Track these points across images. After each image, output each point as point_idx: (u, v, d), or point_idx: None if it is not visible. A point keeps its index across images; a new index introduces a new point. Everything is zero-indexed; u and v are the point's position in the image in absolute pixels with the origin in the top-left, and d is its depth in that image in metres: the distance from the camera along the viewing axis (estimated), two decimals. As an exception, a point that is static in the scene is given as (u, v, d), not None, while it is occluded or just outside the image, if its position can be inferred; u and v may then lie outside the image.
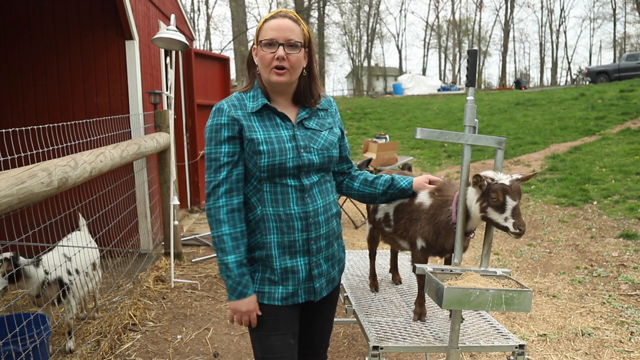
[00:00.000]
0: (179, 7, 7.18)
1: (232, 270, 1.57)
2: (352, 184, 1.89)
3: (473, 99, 1.82)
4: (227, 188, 1.58)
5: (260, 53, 1.59)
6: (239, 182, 1.61)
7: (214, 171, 1.59)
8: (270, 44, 1.56)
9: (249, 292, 1.60)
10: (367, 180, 1.90)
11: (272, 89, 1.65)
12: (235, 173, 1.59)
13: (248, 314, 1.62)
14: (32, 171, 2.13)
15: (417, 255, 2.05)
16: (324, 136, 1.67)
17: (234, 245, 1.57)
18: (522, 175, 1.75)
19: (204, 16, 39.10)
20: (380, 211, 2.27)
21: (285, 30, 1.56)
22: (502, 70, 43.02)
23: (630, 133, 10.35)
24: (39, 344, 2.54)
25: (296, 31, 1.59)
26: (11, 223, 2.48)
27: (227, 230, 1.57)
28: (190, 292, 4.20)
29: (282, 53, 1.55)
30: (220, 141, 1.58)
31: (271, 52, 1.56)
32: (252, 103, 1.62)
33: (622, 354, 3.04)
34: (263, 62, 1.59)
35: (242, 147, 1.60)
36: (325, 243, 1.67)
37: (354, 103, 21.05)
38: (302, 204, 1.61)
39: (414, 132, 1.80)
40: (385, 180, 1.91)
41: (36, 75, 4.88)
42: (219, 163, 1.58)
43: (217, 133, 1.59)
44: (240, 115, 1.59)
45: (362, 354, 3.13)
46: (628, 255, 4.80)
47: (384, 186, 1.90)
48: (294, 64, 1.58)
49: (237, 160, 1.60)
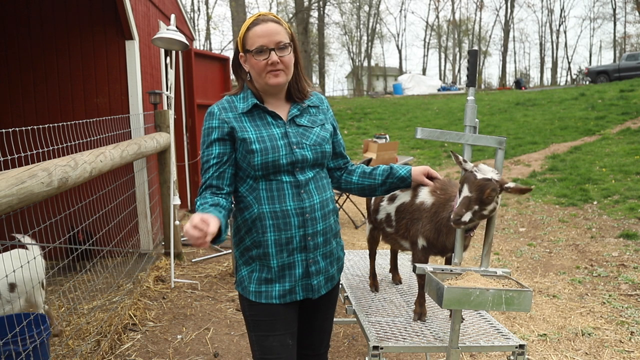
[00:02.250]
0: (179, 7, 7.18)
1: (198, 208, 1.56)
2: (350, 178, 1.88)
3: (474, 99, 1.82)
4: (211, 184, 1.62)
5: (252, 61, 1.61)
6: (225, 179, 1.63)
7: (204, 172, 1.65)
8: (261, 51, 1.58)
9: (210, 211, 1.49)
10: (365, 172, 1.89)
11: (267, 91, 1.67)
12: (220, 171, 1.63)
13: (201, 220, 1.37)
14: (32, 171, 2.13)
15: (417, 255, 2.05)
16: (316, 132, 1.69)
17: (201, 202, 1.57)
18: (514, 185, 1.72)
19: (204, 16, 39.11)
20: (381, 211, 2.27)
21: (272, 34, 1.58)
22: (502, 70, 43.04)
23: (630, 133, 10.35)
24: (39, 344, 2.54)
25: (282, 32, 1.60)
26: (11, 223, 2.48)
27: (198, 201, 1.59)
28: (190, 292, 4.20)
29: (276, 58, 1.58)
30: (210, 143, 1.63)
31: (263, 58, 1.58)
32: (242, 104, 1.65)
33: (622, 353, 3.04)
34: (257, 69, 1.61)
35: (232, 147, 1.64)
36: (323, 240, 1.67)
37: (354, 103, 21.05)
38: (299, 199, 1.61)
39: (414, 131, 1.81)
40: (383, 170, 1.90)
41: (36, 75, 4.88)
42: (209, 164, 1.63)
43: (208, 136, 1.64)
44: (230, 116, 1.62)
45: (362, 354, 3.13)
46: (628, 255, 4.80)
47: (382, 176, 1.88)
48: (288, 64, 1.62)
49: (226, 161, 1.63)
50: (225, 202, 1.61)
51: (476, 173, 1.73)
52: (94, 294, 3.98)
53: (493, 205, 1.75)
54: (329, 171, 1.86)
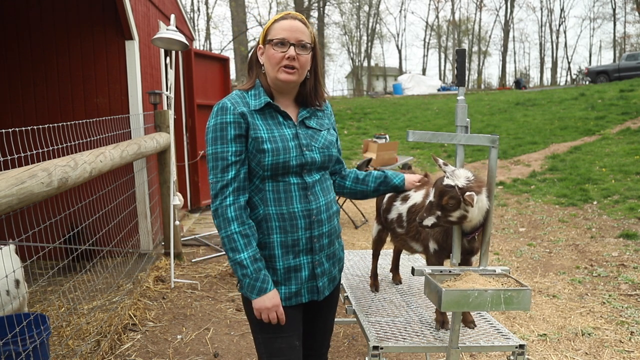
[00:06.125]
0: (179, 7, 7.18)
1: (247, 267, 1.53)
2: (344, 183, 1.90)
3: (464, 99, 1.83)
4: (235, 187, 1.56)
5: (270, 52, 1.60)
6: (245, 180, 1.60)
7: (220, 171, 1.56)
8: (282, 43, 1.58)
9: (269, 287, 1.56)
10: (358, 179, 1.90)
11: (278, 88, 1.65)
12: (243, 172, 1.59)
13: (274, 309, 1.57)
14: (32, 171, 2.13)
15: (431, 260, 2.04)
16: (323, 135, 1.70)
17: (245, 242, 1.54)
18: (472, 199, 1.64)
19: (204, 16, 39.15)
20: (393, 211, 2.24)
21: (297, 31, 1.59)
22: (502, 70, 43.05)
23: (630, 133, 10.35)
24: (39, 344, 2.53)
25: (306, 33, 1.62)
26: (11, 223, 2.47)
27: (237, 228, 1.54)
28: (190, 292, 4.20)
29: (294, 53, 1.58)
30: (227, 140, 1.56)
31: (282, 51, 1.58)
32: (254, 101, 1.62)
33: (622, 353, 3.04)
34: (272, 60, 1.60)
35: (247, 145, 1.59)
36: (328, 241, 1.68)
37: (354, 103, 21.05)
38: (306, 201, 1.61)
39: (406, 135, 1.80)
40: (376, 177, 1.91)
41: (36, 75, 4.88)
42: (227, 162, 1.56)
43: (223, 132, 1.56)
44: (245, 111, 1.59)
45: (362, 354, 3.13)
46: (628, 255, 4.80)
47: (375, 183, 1.91)
48: (303, 64, 1.61)
49: (244, 159, 1.59)
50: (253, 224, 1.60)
51: (445, 178, 1.72)
52: (94, 294, 3.97)
53: (459, 212, 1.72)
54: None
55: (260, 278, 1.55)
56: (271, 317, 1.58)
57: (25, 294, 2.99)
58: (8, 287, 2.79)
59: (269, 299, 1.56)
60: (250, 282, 1.55)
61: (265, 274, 1.57)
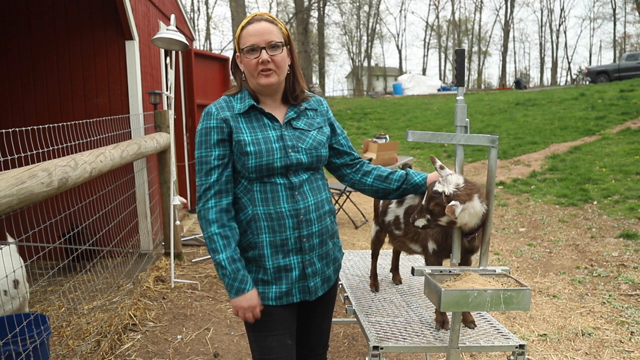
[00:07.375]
0: (179, 7, 7.18)
1: (225, 268, 1.58)
2: (366, 180, 1.85)
3: (463, 99, 1.82)
4: (217, 190, 1.61)
5: (245, 60, 1.62)
6: (228, 183, 1.63)
7: (204, 174, 1.62)
8: (253, 49, 1.58)
9: (247, 287, 1.60)
10: (382, 176, 1.85)
11: (262, 92, 1.66)
12: (225, 175, 1.62)
13: (251, 309, 1.61)
14: (32, 171, 2.14)
15: (430, 260, 2.03)
16: (312, 136, 1.68)
17: (224, 243, 1.59)
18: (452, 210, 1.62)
19: (204, 16, 39.17)
20: (390, 213, 2.23)
21: (264, 33, 1.58)
22: (502, 70, 43.03)
23: (630, 133, 10.35)
24: (39, 344, 2.53)
25: (275, 32, 1.60)
26: (11, 223, 2.48)
27: (217, 230, 1.59)
28: (190, 292, 4.20)
29: (266, 56, 1.58)
30: (210, 145, 1.61)
31: (254, 57, 1.59)
32: (239, 104, 1.64)
33: (622, 353, 3.04)
34: (249, 68, 1.61)
35: (231, 149, 1.63)
36: (319, 241, 1.67)
37: (354, 103, 21.05)
38: (293, 201, 1.61)
39: (406, 135, 1.80)
40: (399, 175, 1.86)
41: (36, 75, 4.88)
42: (210, 166, 1.61)
43: (207, 137, 1.61)
44: (228, 115, 1.62)
45: (362, 354, 3.13)
46: (628, 255, 4.80)
47: (398, 182, 1.85)
48: (279, 64, 1.61)
49: (227, 163, 1.62)
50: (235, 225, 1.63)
51: (437, 183, 1.72)
52: (94, 294, 3.98)
53: (447, 218, 1.71)
54: (337, 169, 1.85)
55: (238, 278, 1.59)
56: (247, 317, 1.63)
57: (26, 294, 3.00)
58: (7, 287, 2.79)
59: (245, 299, 1.60)
60: (228, 282, 1.59)
61: (244, 274, 1.60)
